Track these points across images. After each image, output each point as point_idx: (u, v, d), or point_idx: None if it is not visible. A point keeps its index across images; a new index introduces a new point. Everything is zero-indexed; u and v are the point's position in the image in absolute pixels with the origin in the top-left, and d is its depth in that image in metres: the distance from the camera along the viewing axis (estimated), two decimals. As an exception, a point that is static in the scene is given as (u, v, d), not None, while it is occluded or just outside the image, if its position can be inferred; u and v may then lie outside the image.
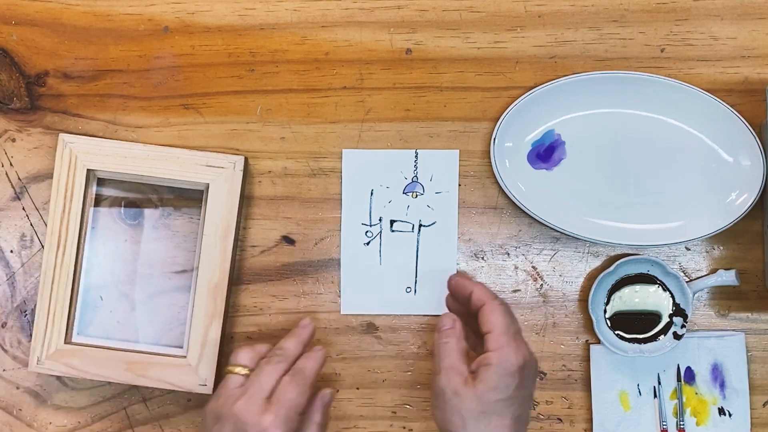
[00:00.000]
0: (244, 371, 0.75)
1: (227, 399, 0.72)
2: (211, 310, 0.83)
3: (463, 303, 0.78)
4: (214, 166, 0.83)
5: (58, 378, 0.87)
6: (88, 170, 0.83)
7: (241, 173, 0.83)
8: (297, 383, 0.73)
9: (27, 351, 0.87)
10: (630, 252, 0.87)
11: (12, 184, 0.87)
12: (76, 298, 0.84)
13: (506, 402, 0.71)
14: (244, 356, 0.76)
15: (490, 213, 0.88)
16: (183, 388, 0.83)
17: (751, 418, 0.87)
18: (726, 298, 0.87)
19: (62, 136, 0.83)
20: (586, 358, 0.87)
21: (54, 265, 0.83)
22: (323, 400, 0.77)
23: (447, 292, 0.81)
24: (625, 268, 0.86)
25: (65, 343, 0.83)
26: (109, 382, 0.86)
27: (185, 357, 0.83)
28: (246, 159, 0.84)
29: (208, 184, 0.83)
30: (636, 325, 0.87)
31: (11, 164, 0.87)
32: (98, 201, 0.87)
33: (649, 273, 0.86)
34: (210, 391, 0.83)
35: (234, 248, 0.84)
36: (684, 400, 0.87)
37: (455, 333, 0.75)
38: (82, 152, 0.83)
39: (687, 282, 0.86)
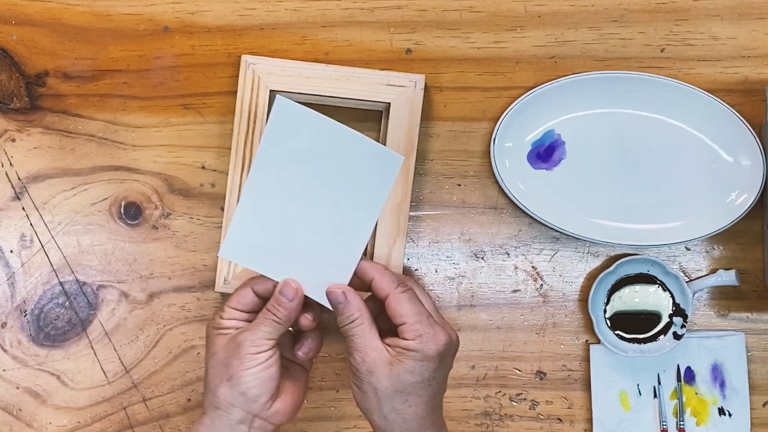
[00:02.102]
0: None
1: None
2: (395, 230, 0.83)
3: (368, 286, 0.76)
4: (394, 85, 0.83)
5: (58, 378, 0.87)
6: (271, 91, 0.83)
7: (422, 91, 0.83)
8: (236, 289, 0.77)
9: (27, 351, 0.87)
10: (630, 252, 0.87)
11: (12, 184, 0.87)
12: None
13: (423, 383, 0.72)
14: None
15: (490, 213, 0.88)
16: None
17: (751, 418, 0.87)
18: (726, 298, 0.88)
19: (245, 57, 0.83)
20: (586, 358, 0.87)
21: (239, 185, 0.83)
22: (280, 289, 0.75)
23: None
24: (625, 268, 0.86)
25: None
26: (109, 382, 0.87)
27: None
28: (424, 78, 0.83)
29: (389, 103, 0.83)
30: (636, 325, 0.87)
31: (11, 164, 0.87)
32: (98, 201, 0.87)
33: (649, 273, 0.86)
34: None
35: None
36: (684, 400, 0.87)
37: (363, 314, 0.73)
38: (264, 73, 0.83)
39: (687, 282, 0.86)
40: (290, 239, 0.75)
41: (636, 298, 0.87)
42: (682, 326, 0.85)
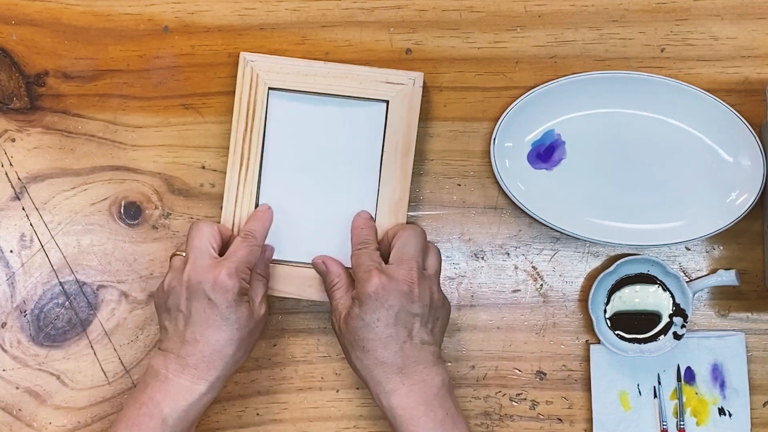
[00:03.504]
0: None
1: (175, 274, 0.77)
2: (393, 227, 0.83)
3: None
4: (393, 83, 0.83)
5: (58, 378, 0.87)
6: (269, 88, 0.83)
7: (420, 89, 0.83)
8: (248, 243, 0.79)
9: (27, 351, 0.87)
10: (630, 252, 0.87)
11: (12, 184, 0.87)
12: None
13: (367, 327, 0.75)
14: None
15: (490, 213, 0.88)
16: None
17: (751, 418, 0.87)
18: (726, 298, 0.87)
19: (244, 54, 0.83)
20: (586, 358, 0.87)
21: (237, 183, 0.83)
22: (264, 254, 0.82)
23: None
24: (625, 268, 0.86)
25: None
26: (109, 382, 0.87)
27: None
28: (423, 75, 0.84)
29: (388, 101, 0.83)
30: (636, 325, 0.87)
31: (11, 164, 0.87)
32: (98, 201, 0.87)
33: (649, 273, 0.86)
34: None
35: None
36: (684, 400, 0.87)
37: (342, 279, 0.80)
38: (263, 70, 0.83)
39: (687, 282, 0.86)
40: (310, 219, 0.84)
41: (636, 298, 0.87)
42: (682, 326, 0.85)
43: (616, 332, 0.86)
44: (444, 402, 0.75)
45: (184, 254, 0.79)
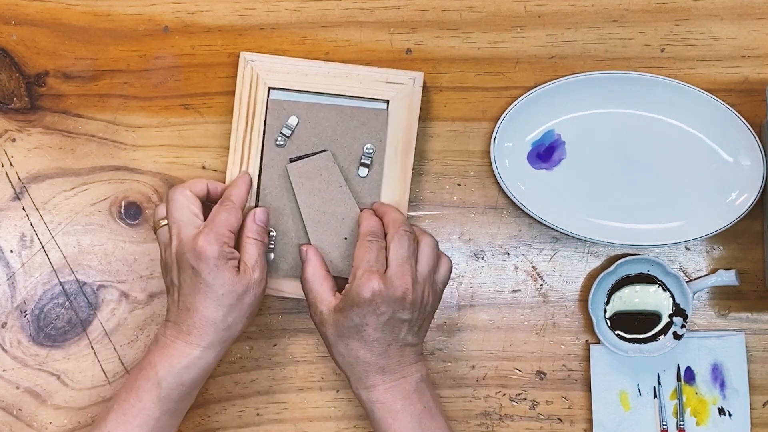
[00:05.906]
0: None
1: (166, 250, 0.79)
2: None
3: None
4: (393, 83, 0.83)
5: (58, 378, 0.87)
6: (270, 88, 0.84)
7: (420, 89, 0.83)
8: (225, 207, 0.78)
9: (27, 351, 0.87)
10: (630, 252, 0.87)
11: (12, 184, 0.87)
12: None
13: (355, 328, 0.76)
14: (161, 209, 0.81)
15: (490, 213, 0.88)
16: None
17: (751, 418, 0.87)
18: (726, 298, 0.88)
19: (243, 54, 0.84)
20: (586, 358, 0.87)
21: None
22: (255, 217, 0.80)
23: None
24: (625, 268, 0.86)
25: None
26: (109, 382, 0.87)
27: None
28: (423, 75, 0.84)
29: (389, 100, 0.83)
30: (636, 325, 0.87)
31: (11, 164, 0.87)
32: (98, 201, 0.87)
33: (649, 273, 0.86)
34: None
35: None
36: (684, 400, 0.87)
37: (318, 270, 0.80)
38: (263, 70, 0.83)
39: (687, 282, 0.86)
40: None
41: (636, 298, 0.87)
42: (682, 326, 0.85)
43: (616, 332, 0.86)
44: (422, 396, 0.77)
45: (166, 223, 0.80)
